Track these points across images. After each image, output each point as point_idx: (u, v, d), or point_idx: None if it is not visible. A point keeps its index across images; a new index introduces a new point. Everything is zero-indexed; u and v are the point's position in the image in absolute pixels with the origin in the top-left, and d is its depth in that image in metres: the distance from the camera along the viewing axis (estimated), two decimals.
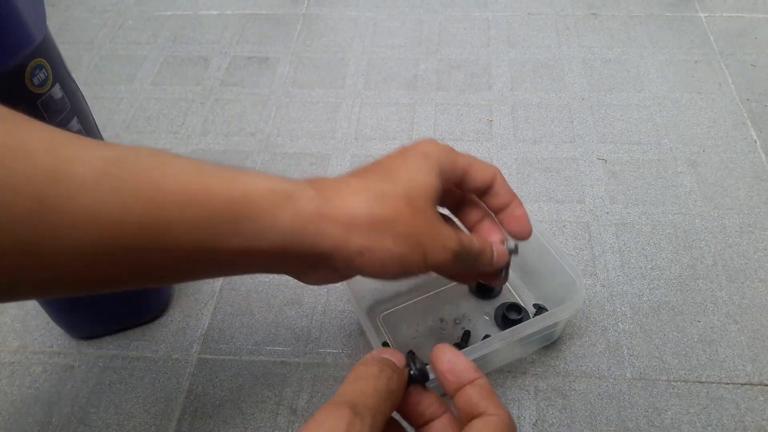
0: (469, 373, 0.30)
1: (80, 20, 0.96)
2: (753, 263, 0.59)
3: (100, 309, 0.55)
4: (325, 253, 0.31)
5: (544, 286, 0.56)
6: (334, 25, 0.92)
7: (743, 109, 0.75)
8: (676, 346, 0.54)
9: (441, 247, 0.33)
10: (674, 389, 0.51)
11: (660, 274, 0.59)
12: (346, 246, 0.31)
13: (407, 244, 0.32)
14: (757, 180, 0.67)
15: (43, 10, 0.42)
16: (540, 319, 0.48)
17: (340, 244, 0.31)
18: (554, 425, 0.50)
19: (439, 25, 0.91)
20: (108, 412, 0.52)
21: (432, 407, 0.30)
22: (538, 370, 0.53)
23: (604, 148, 0.71)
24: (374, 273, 0.32)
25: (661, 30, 0.87)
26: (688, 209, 0.65)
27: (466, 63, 0.84)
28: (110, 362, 0.56)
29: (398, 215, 0.32)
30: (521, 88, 0.80)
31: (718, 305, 0.57)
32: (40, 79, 0.41)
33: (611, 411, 0.50)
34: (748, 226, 0.63)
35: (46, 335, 0.58)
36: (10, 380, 0.55)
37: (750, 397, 0.50)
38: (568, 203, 0.66)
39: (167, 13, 0.97)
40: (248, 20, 0.94)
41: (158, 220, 0.27)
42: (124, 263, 0.27)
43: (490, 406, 0.28)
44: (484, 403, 0.29)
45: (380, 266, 0.32)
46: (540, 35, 0.88)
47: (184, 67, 0.86)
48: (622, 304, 0.57)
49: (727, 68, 0.80)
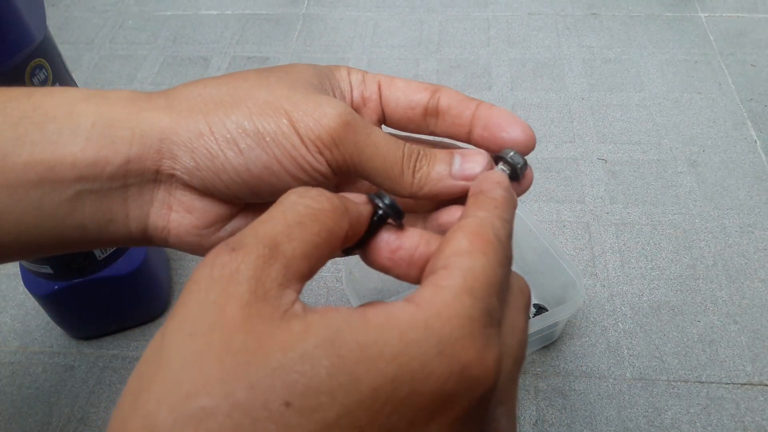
0: (485, 184, 0.24)
1: (80, 20, 0.96)
2: (753, 263, 0.59)
3: (100, 309, 0.55)
4: (150, 149, 0.23)
5: (544, 286, 0.56)
6: (334, 25, 0.92)
7: (743, 109, 0.75)
8: (676, 346, 0.54)
9: (315, 109, 0.23)
10: (674, 389, 0.51)
11: (660, 274, 0.59)
12: (178, 127, 0.23)
13: (257, 107, 0.23)
14: (757, 180, 0.67)
15: (43, 10, 0.42)
16: (540, 319, 0.48)
17: (167, 127, 0.23)
18: (554, 425, 0.50)
19: (439, 25, 0.91)
20: (108, 412, 0.52)
21: (420, 247, 0.23)
22: (538, 370, 0.53)
23: (604, 148, 0.71)
24: (235, 165, 0.24)
25: (661, 30, 0.87)
26: (688, 209, 0.65)
27: (466, 63, 0.84)
28: (110, 362, 0.56)
29: (240, 82, 0.24)
30: (521, 88, 0.80)
31: (718, 305, 0.57)
32: (40, 78, 0.41)
33: (611, 411, 0.50)
34: (748, 226, 0.63)
35: (46, 335, 0.58)
36: (10, 380, 0.55)
37: (750, 397, 0.50)
38: (568, 203, 0.66)
39: (167, 13, 0.97)
40: (248, 20, 0.94)
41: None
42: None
43: (471, 210, 0.23)
44: (467, 209, 0.23)
45: (233, 146, 0.23)
46: (540, 35, 0.88)
47: (184, 67, 0.86)
48: (622, 304, 0.57)
49: (727, 68, 0.80)
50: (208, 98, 0.24)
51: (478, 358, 0.18)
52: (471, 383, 0.18)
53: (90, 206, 0.24)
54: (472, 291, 0.19)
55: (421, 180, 0.25)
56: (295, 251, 0.19)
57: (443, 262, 0.20)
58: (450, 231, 0.22)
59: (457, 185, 0.25)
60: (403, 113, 0.28)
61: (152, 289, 0.57)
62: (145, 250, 0.54)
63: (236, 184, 0.24)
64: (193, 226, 0.26)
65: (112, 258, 0.52)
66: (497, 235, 0.21)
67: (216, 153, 0.23)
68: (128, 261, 0.53)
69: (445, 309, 0.18)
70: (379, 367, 0.17)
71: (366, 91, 0.28)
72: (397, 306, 0.18)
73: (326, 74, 0.27)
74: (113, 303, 0.55)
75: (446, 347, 0.17)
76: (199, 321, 0.17)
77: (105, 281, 0.52)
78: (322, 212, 0.20)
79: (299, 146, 0.23)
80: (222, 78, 0.25)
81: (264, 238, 0.19)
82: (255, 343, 0.16)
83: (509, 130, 0.26)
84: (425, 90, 0.28)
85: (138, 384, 0.16)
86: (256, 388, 0.16)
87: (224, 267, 0.18)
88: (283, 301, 0.18)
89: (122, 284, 0.53)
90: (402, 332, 0.17)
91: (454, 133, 0.28)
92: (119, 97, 0.24)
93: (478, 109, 0.27)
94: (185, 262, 0.63)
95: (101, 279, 0.52)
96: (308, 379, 0.16)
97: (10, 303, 0.61)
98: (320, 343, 0.16)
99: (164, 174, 0.24)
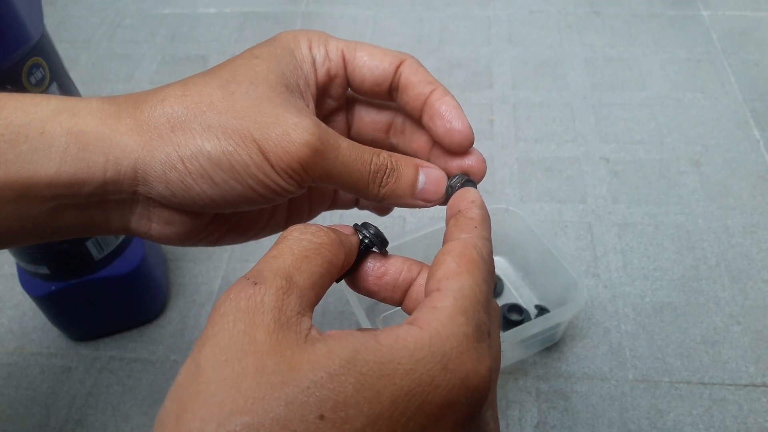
0: (461, 203, 0.26)
1: (78, 19, 0.96)
2: (756, 264, 0.59)
3: (98, 310, 0.55)
4: (125, 176, 0.24)
5: (546, 287, 0.55)
6: (333, 23, 0.91)
7: (747, 108, 0.74)
8: (679, 347, 0.54)
9: (283, 137, 0.24)
10: (677, 391, 0.51)
11: (662, 274, 0.59)
12: (150, 158, 0.24)
13: (226, 137, 0.24)
14: (760, 180, 0.66)
15: (41, 9, 0.42)
16: (541, 321, 0.47)
17: (140, 157, 0.24)
18: (556, 427, 0.49)
19: (440, 23, 0.90)
20: (105, 414, 0.52)
21: (403, 273, 0.26)
22: (540, 372, 0.52)
23: (607, 148, 0.71)
24: (210, 195, 0.24)
25: (663, 28, 0.87)
26: (691, 209, 0.64)
27: (467, 61, 0.83)
28: (108, 364, 0.55)
29: (208, 104, 0.24)
30: (523, 87, 0.79)
31: (721, 306, 0.56)
32: (37, 77, 0.40)
33: (613, 413, 0.50)
34: (752, 226, 0.62)
35: (43, 337, 0.58)
36: (7, 382, 0.55)
37: (753, 399, 0.50)
38: (570, 203, 0.65)
39: (165, 11, 0.96)
40: (247, 18, 0.93)
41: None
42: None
43: (455, 233, 0.24)
44: (451, 232, 0.25)
45: (207, 180, 0.24)
46: (542, 33, 0.87)
47: (183, 65, 0.86)
48: (624, 305, 0.57)
49: (731, 67, 0.80)
50: (177, 123, 0.24)
51: (474, 369, 0.21)
52: (470, 391, 0.21)
53: (71, 215, 0.25)
54: (464, 310, 0.22)
55: (386, 194, 0.27)
56: (305, 282, 0.22)
57: (436, 285, 0.23)
58: (439, 254, 0.24)
59: (415, 204, 0.28)
60: (370, 89, 0.29)
61: (150, 290, 0.56)
62: (143, 250, 0.54)
63: (210, 207, 0.26)
64: (174, 234, 0.27)
65: (110, 258, 0.52)
66: (480, 254, 0.24)
67: (190, 185, 0.24)
68: (126, 262, 0.53)
69: (443, 328, 0.21)
70: (396, 382, 0.19)
71: (332, 68, 0.29)
72: (403, 329, 0.21)
73: (287, 64, 0.27)
74: (111, 304, 0.54)
75: (448, 363, 0.20)
76: (232, 348, 0.19)
77: (102, 282, 0.52)
78: (323, 246, 0.23)
79: (271, 174, 0.24)
80: (188, 96, 0.25)
81: (279, 271, 0.21)
82: (286, 365, 0.19)
83: (448, 126, 0.28)
84: (390, 64, 0.29)
85: (178, 406, 0.18)
86: (292, 405, 0.18)
87: (249, 299, 0.20)
88: (302, 327, 0.20)
89: (120, 285, 0.53)
90: (411, 351, 0.20)
91: (409, 112, 0.30)
92: (89, 116, 0.24)
93: (431, 96, 0.28)
94: (183, 262, 0.63)
95: (99, 280, 0.52)
96: (337, 395, 0.18)
97: (7, 304, 0.61)
98: (344, 363, 0.19)
99: (141, 195, 0.25)
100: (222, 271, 0.62)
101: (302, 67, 0.28)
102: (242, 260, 0.62)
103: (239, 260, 0.63)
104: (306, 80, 0.28)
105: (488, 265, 0.24)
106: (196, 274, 0.62)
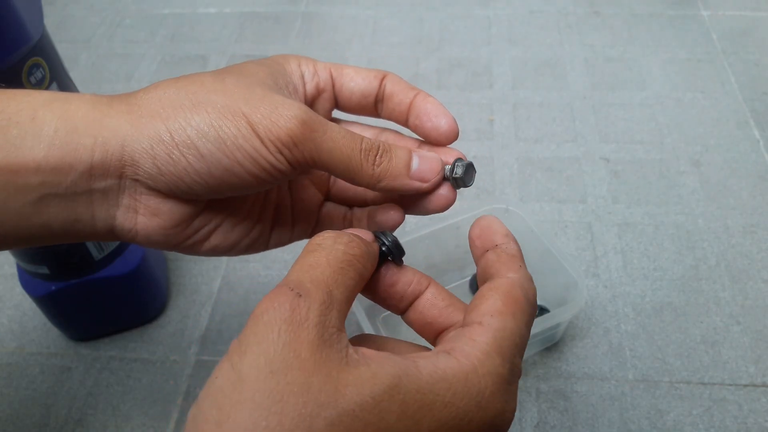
0: (496, 237, 0.26)
1: (78, 18, 0.96)
2: (756, 264, 0.59)
3: (98, 310, 0.55)
4: (113, 157, 0.24)
5: (546, 286, 0.55)
6: (333, 23, 0.91)
7: (746, 108, 0.74)
8: (679, 347, 0.54)
9: (272, 111, 0.24)
10: (677, 391, 0.51)
11: (662, 274, 0.59)
12: (138, 134, 0.24)
13: (216, 111, 0.24)
14: (760, 180, 0.66)
15: (41, 9, 0.42)
16: (541, 321, 0.47)
17: (128, 134, 0.24)
18: (556, 427, 0.49)
19: (440, 23, 0.90)
20: (105, 414, 0.52)
21: (412, 285, 0.26)
22: (540, 372, 0.52)
23: (607, 148, 0.71)
24: (197, 169, 0.24)
25: (663, 28, 0.87)
26: (691, 209, 0.64)
27: (467, 61, 0.83)
28: (107, 364, 0.55)
29: (200, 84, 0.25)
30: (523, 87, 0.79)
31: (721, 306, 0.56)
32: (37, 77, 0.40)
33: (613, 413, 0.50)
34: (752, 226, 0.62)
35: (43, 337, 0.58)
36: (7, 381, 0.55)
37: (753, 399, 0.50)
38: (570, 203, 0.65)
39: (165, 11, 0.96)
40: (247, 18, 0.93)
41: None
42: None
43: (502, 270, 0.25)
44: (497, 267, 0.25)
45: (194, 151, 0.24)
46: (542, 33, 0.87)
47: (182, 65, 0.86)
48: (624, 305, 0.57)
49: (731, 67, 0.80)
50: (167, 102, 0.25)
51: (503, 410, 0.22)
52: (496, 429, 0.22)
53: (55, 208, 0.25)
54: (501, 350, 0.22)
55: (381, 174, 0.27)
56: (341, 296, 0.22)
57: (479, 319, 0.23)
58: (486, 288, 0.24)
59: (412, 185, 0.28)
60: (357, 102, 0.30)
61: (150, 290, 0.56)
62: (143, 250, 0.54)
63: (198, 185, 0.25)
64: (160, 227, 0.27)
65: (110, 258, 0.52)
66: (526, 296, 0.24)
67: (177, 158, 0.24)
68: (126, 262, 0.53)
69: (481, 366, 0.22)
70: (434, 413, 0.20)
71: (320, 83, 0.30)
72: (442, 359, 0.22)
73: (278, 71, 0.29)
74: (111, 304, 0.54)
75: (482, 400, 0.21)
76: (277, 361, 0.19)
77: (102, 282, 0.52)
78: (356, 258, 0.23)
79: (260, 148, 0.24)
80: (181, 81, 0.26)
81: (321, 284, 0.22)
82: (332, 386, 0.19)
83: (434, 120, 0.29)
84: (375, 78, 0.30)
85: (219, 413, 0.19)
86: (336, 426, 0.19)
87: (294, 312, 0.20)
88: (342, 345, 0.21)
89: (120, 285, 0.53)
90: (449, 384, 0.21)
91: (395, 118, 0.30)
92: (81, 102, 0.25)
93: (416, 98, 0.29)
94: (183, 263, 0.63)
95: (99, 280, 0.52)
96: (380, 421, 0.19)
97: (7, 304, 0.61)
98: (387, 389, 0.20)
99: (128, 179, 0.25)
100: (222, 271, 0.62)
101: (292, 78, 0.29)
102: (242, 260, 0.62)
103: (239, 260, 0.63)
104: (295, 88, 0.29)
105: (532, 308, 0.24)
106: (196, 274, 0.62)
